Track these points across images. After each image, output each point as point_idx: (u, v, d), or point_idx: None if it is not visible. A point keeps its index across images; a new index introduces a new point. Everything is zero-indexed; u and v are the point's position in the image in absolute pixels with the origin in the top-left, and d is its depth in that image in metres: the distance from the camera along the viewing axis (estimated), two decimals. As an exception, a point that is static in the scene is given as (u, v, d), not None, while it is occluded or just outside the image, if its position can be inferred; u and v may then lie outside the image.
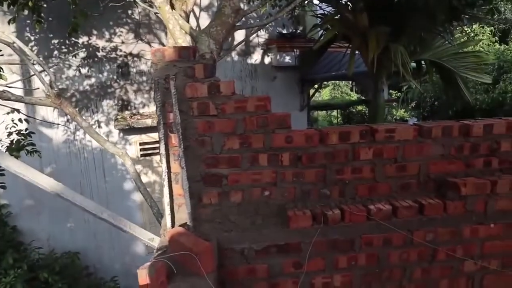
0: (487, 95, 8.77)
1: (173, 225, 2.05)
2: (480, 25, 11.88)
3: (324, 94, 18.98)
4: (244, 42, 7.24)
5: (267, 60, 7.37)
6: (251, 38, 7.25)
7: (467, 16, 4.92)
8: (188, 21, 4.02)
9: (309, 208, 2.02)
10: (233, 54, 7.18)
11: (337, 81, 18.31)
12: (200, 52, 3.09)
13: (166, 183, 2.01)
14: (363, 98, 14.26)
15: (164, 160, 1.99)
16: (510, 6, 22.02)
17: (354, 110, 15.07)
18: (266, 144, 1.97)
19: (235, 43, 6.58)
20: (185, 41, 3.11)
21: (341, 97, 17.14)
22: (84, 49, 6.22)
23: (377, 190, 2.07)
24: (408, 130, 2.05)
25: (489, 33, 12.19)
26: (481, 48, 10.23)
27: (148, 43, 6.77)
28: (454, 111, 9.27)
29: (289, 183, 2.01)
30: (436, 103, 10.48)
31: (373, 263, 2.04)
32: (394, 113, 16.47)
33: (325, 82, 19.46)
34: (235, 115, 1.96)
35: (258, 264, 1.99)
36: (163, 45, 6.57)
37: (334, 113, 16.33)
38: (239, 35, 6.65)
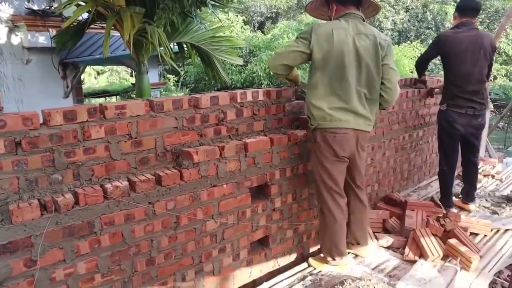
0: (240, 75, 10.11)
1: None
2: (235, 14, 13.50)
3: (102, 81, 17.92)
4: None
5: (15, 40, 6.36)
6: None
7: (212, 3, 5.38)
8: None
9: (38, 197, 1.83)
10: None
11: (115, 67, 17.57)
12: None
13: None
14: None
15: None
16: (264, 1, 25.48)
17: (134, 95, 14.82)
18: (-30, 131, 1.67)
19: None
20: None
21: (120, 83, 16.54)
22: None
23: (115, 168, 2.04)
24: (139, 106, 2.08)
25: (242, 22, 13.90)
26: (235, 34, 11.62)
27: None
28: (216, 91, 10.28)
29: (9, 174, 1.76)
30: (201, 83, 11.35)
31: (118, 241, 2.02)
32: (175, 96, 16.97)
33: (102, 68, 18.43)
34: None
35: (-22, 274, 1.69)
36: None
37: (114, 99, 15.65)
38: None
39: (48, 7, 6.55)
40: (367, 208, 2.84)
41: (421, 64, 3.96)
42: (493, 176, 4.93)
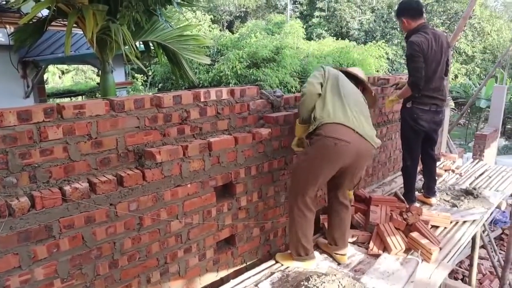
0: (208, 75, 10.08)
1: None
2: (203, 13, 13.46)
3: (66, 80, 17.38)
4: None
5: (-31, 37, 6.07)
6: None
7: (177, 1, 5.31)
8: None
9: (-10, 201, 1.75)
10: None
11: (80, 66, 17.08)
12: None
13: None
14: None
15: None
16: (233, 1, 25.42)
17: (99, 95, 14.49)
18: None
19: None
20: None
21: (86, 82, 16.10)
22: None
23: (74, 169, 1.98)
24: (99, 105, 2.03)
25: (210, 21, 13.86)
26: (202, 33, 11.58)
27: None
28: (184, 90, 10.18)
29: (-41, 177, 1.68)
30: (168, 82, 11.23)
31: (78, 245, 1.97)
32: (143, 96, 16.64)
33: (67, 67, 17.86)
34: None
35: None
36: None
37: (80, 99, 15.24)
38: None
39: (4, 2, 6.29)
40: (349, 211, 2.86)
41: (422, 76, 3.49)
42: (453, 171, 5.13)
